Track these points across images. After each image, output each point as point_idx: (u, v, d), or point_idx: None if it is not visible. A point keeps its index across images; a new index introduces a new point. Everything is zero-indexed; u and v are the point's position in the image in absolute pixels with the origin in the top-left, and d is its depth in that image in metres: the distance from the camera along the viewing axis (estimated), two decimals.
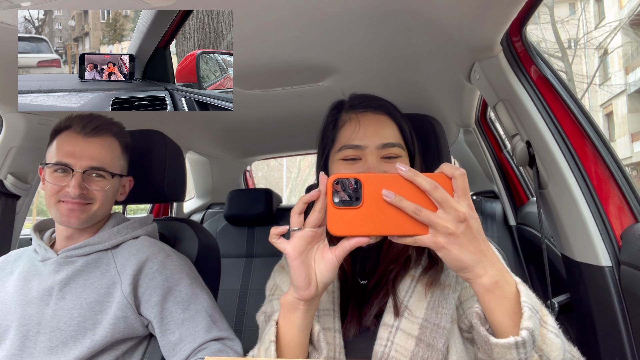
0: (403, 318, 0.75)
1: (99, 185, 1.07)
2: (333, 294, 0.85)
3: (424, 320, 0.74)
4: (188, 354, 1.00)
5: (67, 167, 1.04)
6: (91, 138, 1.07)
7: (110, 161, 1.09)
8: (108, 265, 1.07)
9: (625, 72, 15.09)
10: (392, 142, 0.84)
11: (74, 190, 1.02)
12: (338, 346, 0.78)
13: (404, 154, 0.86)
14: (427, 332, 0.73)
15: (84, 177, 1.05)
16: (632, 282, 0.87)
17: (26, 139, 1.44)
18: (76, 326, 0.99)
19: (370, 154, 0.84)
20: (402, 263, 0.81)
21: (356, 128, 0.86)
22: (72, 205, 1.04)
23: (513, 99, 1.12)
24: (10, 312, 1.03)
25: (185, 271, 1.10)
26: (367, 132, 0.85)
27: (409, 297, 0.77)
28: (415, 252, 0.83)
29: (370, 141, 0.84)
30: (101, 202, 1.08)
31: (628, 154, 15.02)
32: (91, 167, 1.05)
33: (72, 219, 1.05)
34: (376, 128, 0.86)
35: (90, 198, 1.06)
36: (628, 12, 13.82)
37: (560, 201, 1.07)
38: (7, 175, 1.44)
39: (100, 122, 1.10)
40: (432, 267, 0.79)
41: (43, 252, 1.09)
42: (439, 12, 0.96)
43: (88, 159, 1.05)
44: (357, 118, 0.87)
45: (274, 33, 1.06)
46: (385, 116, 0.88)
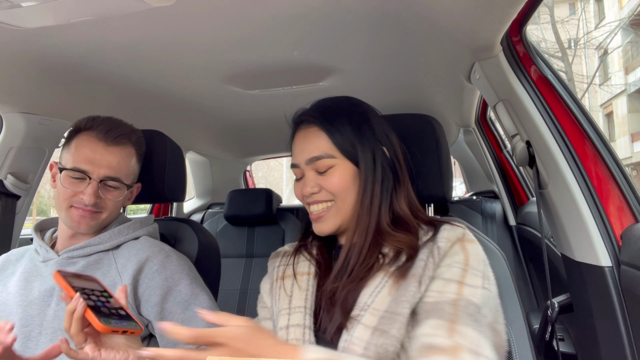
0: (367, 313, 0.75)
1: (113, 195, 1.07)
2: (307, 291, 0.86)
3: (384, 312, 0.74)
4: None
5: (84, 174, 1.03)
6: (112, 146, 1.06)
7: (126, 171, 1.09)
8: (109, 266, 1.07)
9: (625, 72, 15.09)
10: (317, 156, 0.85)
11: (89, 198, 1.02)
12: (307, 342, 0.78)
13: (337, 163, 0.85)
14: (384, 321, 0.73)
15: (100, 185, 1.04)
16: (632, 282, 0.87)
17: (26, 139, 1.44)
18: None
19: (305, 170, 0.87)
20: (370, 268, 0.81)
21: (294, 147, 0.90)
22: (83, 212, 1.04)
23: (513, 99, 1.12)
24: (12, 313, 1.03)
25: (185, 271, 1.10)
26: (298, 150, 0.88)
27: (375, 294, 0.76)
28: (392, 252, 0.81)
29: (300, 158, 0.88)
30: (111, 211, 1.08)
31: (628, 154, 15.02)
32: (108, 176, 1.05)
33: (82, 225, 1.05)
34: (304, 144, 0.88)
35: (102, 207, 1.06)
36: (628, 12, 13.82)
37: (560, 201, 1.07)
38: (7, 175, 1.44)
39: (123, 131, 1.09)
40: (406, 263, 0.78)
41: (44, 252, 1.09)
42: (439, 12, 0.96)
43: (106, 168, 1.04)
44: (295, 137, 0.91)
45: (274, 33, 1.06)
46: (314, 128, 0.87)
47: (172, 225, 1.38)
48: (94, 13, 0.85)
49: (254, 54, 1.19)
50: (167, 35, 1.05)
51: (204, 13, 0.94)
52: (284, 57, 1.23)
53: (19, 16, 0.84)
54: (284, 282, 0.90)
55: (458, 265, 0.76)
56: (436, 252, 0.78)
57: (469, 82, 1.34)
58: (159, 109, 1.68)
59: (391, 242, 0.82)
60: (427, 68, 1.38)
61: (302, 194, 0.89)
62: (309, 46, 1.15)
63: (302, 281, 0.88)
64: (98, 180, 1.03)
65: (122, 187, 1.08)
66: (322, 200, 0.86)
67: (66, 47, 1.08)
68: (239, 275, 2.34)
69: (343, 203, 0.85)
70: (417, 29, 1.07)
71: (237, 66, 1.29)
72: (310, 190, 0.86)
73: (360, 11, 0.97)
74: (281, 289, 0.89)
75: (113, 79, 1.33)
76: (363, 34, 1.09)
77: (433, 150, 1.06)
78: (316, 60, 1.26)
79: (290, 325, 0.82)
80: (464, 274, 0.75)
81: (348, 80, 1.45)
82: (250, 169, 3.55)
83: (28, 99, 1.35)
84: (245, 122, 2.04)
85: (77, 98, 1.44)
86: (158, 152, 1.30)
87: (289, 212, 2.50)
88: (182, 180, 1.38)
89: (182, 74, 1.33)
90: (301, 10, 0.95)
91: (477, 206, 2.37)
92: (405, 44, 1.16)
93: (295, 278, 0.89)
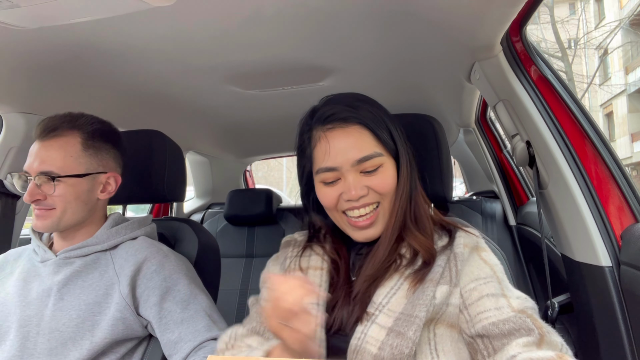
0: (381, 314, 0.75)
1: (49, 190, 1.03)
2: (320, 287, 0.85)
3: (400, 314, 0.74)
4: (188, 351, 1.00)
5: (25, 174, 1.04)
6: (45, 141, 1.04)
7: (62, 162, 1.04)
8: (106, 266, 1.07)
9: (625, 72, 15.09)
10: (366, 156, 0.80)
11: (26, 196, 1.01)
12: (317, 339, 0.77)
13: (385, 161, 0.82)
14: (400, 322, 0.73)
15: (38, 181, 1.02)
16: (632, 282, 0.87)
17: (26, 139, 1.44)
18: (75, 327, 0.99)
19: (347, 173, 0.81)
20: (387, 267, 0.81)
21: (326, 147, 0.81)
22: (37, 211, 1.04)
23: (513, 99, 1.12)
24: (10, 313, 1.02)
25: (183, 271, 1.10)
26: (338, 150, 0.80)
27: (391, 295, 0.77)
28: (410, 254, 0.82)
29: (343, 159, 0.80)
30: (64, 207, 1.04)
31: (628, 154, 15.03)
32: (40, 172, 1.02)
33: (38, 224, 1.04)
34: (347, 143, 0.81)
35: (49, 204, 1.04)
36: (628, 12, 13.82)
37: (560, 201, 1.07)
38: (7, 175, 1.44)
39: (57, 122, 1.06)
40: (423, 268, 0.78)
41: (42, 252, 1.09)
42: (439, 12, 0.96)
43: (39, 164, 1.03)
44: (325, 136, 0.82)
45: (274, 33, 1.06)
46: (355, 126, 0.82)
47: (172, 225, 1.38)
48: (94, 13, 0.85)
49: (254, 54, 1.19)
50: (167, 36, 1.05)
51: (204, 13, 0.94)
52: (284, 57, 1.23)
53: (19, 16, 0.84)
54: (295, 274, 0.88)
55: (491, 279, 0.77)
56: (453, 258, 0.78)
57: (469, 82, 1.34)
58: (159, 109, 1.68)
59: (411, 240, 0.82)
60: (427, 68, 1.38)
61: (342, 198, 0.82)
62: (309, 46, 1.15)
63: (315, 276, 0.86)
64: (32, 177, 1.02)
65: (64, 179, 1.03)
66: (370, 202, 0.82)
67: (66, 47, 1.08)
68: (239, 275, 2.34)
69: (389, 203, 0.83)
70: (417, 29, 1.07)
71: (237, 66, 1.29)
72: (359, 193, 0.80)
73: (361, 11, 0.97)
74: None
75: (113, 79, 1.33)
76: (363, 34, 1.09)
77: (433, 150, 1.06)
78: (316, 60, 1.26)
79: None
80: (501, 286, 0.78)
81: (348, 80, 1.45)
82: (250, 169, 3.54)
83: (28, 99, 1.35)
84: (245, 122, 2.04)
85: (77, 98, 1.44)
86: (158, 152, 1.30)
87: (289, 212, 2.50)
88: (182, 181, 1.38)
89: (182, 73, 1.33)
90: (301, 10, 0.95)
91: (477, 206, 2.36)
92: (406, 43, 1.16)
93: (307, 273, 0.87)
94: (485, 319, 0.74)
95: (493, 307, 0.75)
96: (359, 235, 0.84)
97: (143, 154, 1.29)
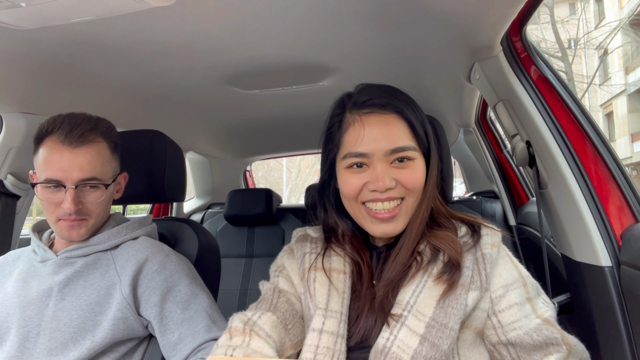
0: (410, 315, 0.72)
1: (93, 197, 1.03)
2: (344, 294, 0.80)
3: (431, 319, 0.71)
4: (188, 353, 1.00)
5: (58, 183, 0.99)
6: (78, 148, 1.00)
7: (102, 168, 1.04)
8: (108, 266, 1.07)
9: (625, 72, 15.08)
10: (401, 147, 0.76)
11: (69, 206, 0.98)
12: (338, 352, 0.74)
13: (417, 156, 0.79)
14: (433, 332, 0.70)
15: (77, 190, 1.01)
16: (632, 282, 0.87)
17: (26, 139, 1.44)
18: (76, 327, 0.99)
19: (377, 161, 0.77)
20: (408, 268, 0.79)
21: (360, 132, 0.77)
22: (71, 223, 1.02)
23: (513, 99, 1.12)
24: (10, 313, 1.02)
25: (184, 271, 1.10)
26: (372, 137, 0.76)
27: (417, 294, 0.74)
28: (430, 250, 0.79)
29: (376, 147, 0.76)
30: (98, 213, 1.06)
31: (628, 154, 15.02)
32: (82, 179, 1.00)
33: (73, 235, 1.04)
34: (382, 131, 0.77)
35: (86, 213, 1.03)
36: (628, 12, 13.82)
37: (560, 201, 1.07)
38: (7, 175, 1.44)
39: (85, 128, 1.03)
40: (452, 270, 0.75)
41: (42, 252, 1.09)
42: (439, 12, 0.96)
43: (78, 172, 0.99)
44: (360, 120, 0.78)
45: (274, 33, 1.06)
46: (393, 115, 0.78)
47: (172, 225, 1.38)
48: (94, 13, 0.85)
49: (254, 53, 1.19)
50: (167, 35, 1.05)
51: (204, 13, 0.94)
52: (284, 57, 1.23)
53: (19, 16, 0.84)
54: (316, 274, 0.83)
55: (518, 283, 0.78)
56: (482, 259, 0.76)
57: (469, 82, 1.34)
58: (159, 109, 1.68)
59: (430, 238, 0.79)
60: (427, 68, 1.38)
61: (367, 187, 0.78)
62: (309, 46, 1.15)
63: (338, 281, 0.82)
64: (74, 186, 0.99)
65: (101, 187, 1.04)
66: (395, 197, 0.77)
67: (66, 47, 1.08)
68: (239, 275, 2.34)
69: (414, 201, 0.79)
70: (417, 29, 1.07)
71: (237, 66, 1.29)
72: (387, 185, 0.76)
73: (361, 11, 0.97)
74: (316, 282, 0.82)
75: (113, 79, 1.33)
76: (363, 34, 1.09)
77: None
78: (316, 60, 1.26)
79: (324, 331, 0.76)
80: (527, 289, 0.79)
81: (348, 80, 1.45)
82: (250, 169, 3.54)
83: (28, 99, 1.35)
84: (245, 122, 2.04)
85: (77, 98, 1.44)
86: (158, 152, 1.30)
87: (289, 212, 2.50)
88: (182, 180, 1.38)
89: (182, 74, 1.33)
90: (301, 10, 0.95)
91: (477, 206, 2.36)
92: (406, 44, 1.16)
93: (331, 275, 0.83)
94: (519, 328, 0.74)
95: (522, 315, 0.74)
96: (377, 229, 0.79)
97: (143, 154, 1.29)
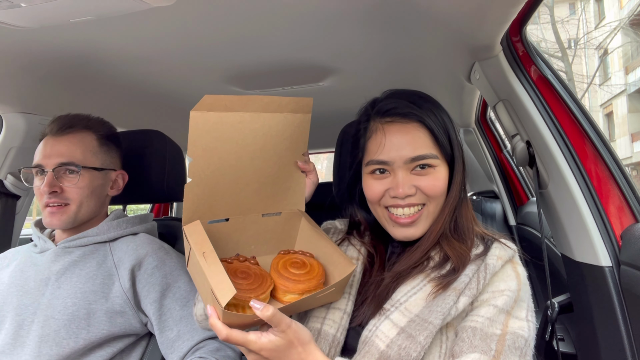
0: (397, 311, 0.75)
1: (70, 182, 1.06)
2: (354, 277, 0.84)
3: (415, 316, 0.73)
4: (186, 351, 1.00)
5: (38, 167, 1.06)
6: (60, 136, 1.07)
7: (82, 155, 1.08)
8: (105, 256, 1.08)
9: (625, 72, 15.08)
10: (421, 155, 0.79)
11: (44, 187, 1.03)
12: (342, 327, 0.78)
13: (439, 164, 0.80)
14: (413, 325, 0.72)
15: (56, 174, 1.05)
16: (632, 282, 0.87)
17: (26, 139, 1.44)
18: (69, 315, 0.99)
19: (398, 169, 0.80)
20: (414, 267, 0.80)
21: (381, 141, 0.80)
22: (52, 208, 1.05)
23: (513, 99, 1.12)
24: (6, 302, 1.04)
25: (184, 269, 1.10)
26: (392, 146, 0.79)
27: (411, 295, 0.76)
28: (439, 257, 0.80)
29: (396, 155, 0.79)
30: (79, 201, 1.07)
31: (628, 154, 15.02)
32: (60, 163, 1.05)
33: (54, 221, 1.06)
34: (403, 140, 0.79)
35: (66, 198, 1.06)
36: (628, 12, 13.82)
37: (560, 201, 1.07)
38: (7, 175, 1.44)
39: (73, 120, 1.10)
40: (451, 274, 0.77)
41: (42, 243, 1.11)
42: (439, 12, 0.96)
43: (57, 157, 1.05)
44: (382, 129, 0.81)
45: (274, 33, 1.06)
46: (414, 124, 0.80)
47: (172, 225, 1.38)
48: (94, 13, 0.85)
49: (254, 54, 1.19)
50: (167, 35, 1.05)
51: (204, 13, 0.94)
52: (284, 57, 1.23)
53: (19, 16, 0.84)
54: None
55: (511, 293, 0.75)
56: (483, 269, 0.76)
57: (469, 82, 1.34)
58: (159, 109, 1.68)
59: (446, 246, 0.80)
60: (427, 68, 1.38)
61: (389, 194, 0.81)
62: (309, 46, 1.15)
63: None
64: (51, 169, 1.04)
65: (81, 171, 1.07)
66: (416, 203, 0.80)
67: (66, 47, 1.08)
68: None
69: (435, 207, 0.81)
70: (417, 29, 1.07)
71: (237, 66, 1.29)
72: (407, 192, 0.79)
73: (361, 11, 0.97)
74: None
75: (113, 79, 1.33)
76: (363, 34, 1.09)
77: None
78: (316, 60, 1.26)
79: (331, 307, 0.81)
80: (514, 304, 0.75)
81: (348, 80, 1.45)
82: None
83: (28, 99, 1.35)
84: None
85: (77, 98, 1.44)
86: (158, 152, 1.30)
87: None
88: (182, 180, 1.38)
89: (182, 73, 1.33)
90: (301, 10, 0.95)
91: (477, 206, 2.37)
92: (406, 44, 1.16)
93: None
94: (473, 322, 0.73)
95: (487, 316, 0.73)
96: (398, 233, 0.82)
97: (143, 154, 1.29)
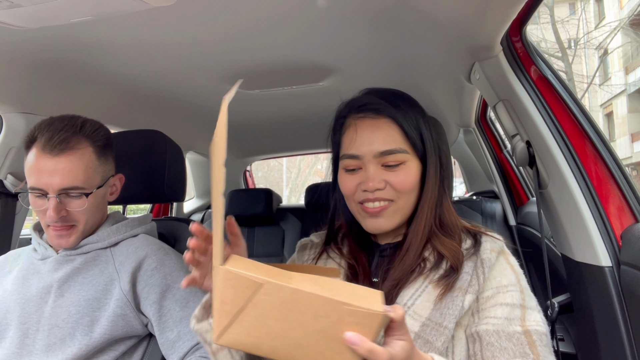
0: (407, 315, 0.74)
1: (77, 205, 1.01)
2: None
3: (426, 319, 0.73)
4: (186, 351, 1.00)
5: (41, 191, 0.98)
6: (58, 156, 0.97)
7: (84, 175, 1.00)
8: (106, 262, 1.07)
9: (625, 72, 15.09)
10: (390, 150, 0.80)
11: (51, 215, 0.97)
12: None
13: (409, 159, 0.82)
14: (428, 330, 0.72)
15: (61, 199, 0.99)
16: (632, 282, 0.87)
17: None
18: (74, 323, 0.99)
19: (369, 163, 0.81)
20: (412, 270, 0.80)
21: (354, 135, 0.83)
22: (59, 231, 1.02)
23: (513, 99, 1.12)
24: (9, 310, 1.03)
25: (184, 269, 1.10)
26: (363, 140, 0.81)
27: (416, 297, 0.76)
28: (434, 257, 0.81)
29: (367, 149, 0.81)
30: (85, 220, 1.04)
31: (628, 154, 15.02)
32: (63, 188, 0.98)
33: (62, 243, 1.04)
34: (373, 134, 0.81)
35: (73, 220, 1.02)
36: (628, 12, 13.82)
37: (560, 201, 1.07)
38: (7, 175, 1.44)
39: (68, 133, 0.99)
40: (451, 274, 0.77)
41: (43, 250, 1.10)
42: (439, 12, 0.96)
43: (60, 181, 0.97)
44: (355, 125, 0.83)
45: (274, 33, 1.06)
46: (385, 119, 0.82)
47: (172, 225, 1.38)
48: (94, 13, 0.85)
49: (254, 54, 1.19)
50: (167, 35, 1.05)
51: (204, 13, 0.94)
52: (284, 57, 1.23)
53: (19, 16, 0.84)
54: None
55: (515, 287, 0.76)
56: (480, 264, 0.77)
57: (469, 82, 1.34)
58: (159, 109, 1.68)
59: (437, 245, 0.81)
60: (427, 68, 1.38)
61: (360, 188, 0.82)
62: (309, 46, 1.15)
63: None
64: (55, 195, 0.97)
65: (85, 194, 1.01)
66: (385, 198, 0.81)
67: (66, 47, 1.08)
68: None
69: (405, 202, 0.82)
70: (417, 29, 1.07)
71: (237, 66, 1.29)
72: (376, 186, 0.80)
73: (361, 11, 0.97)
74: None
75: (113, 79, 1.33)
76: (363, 33, 1.09)
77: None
78: (316, 60, 1.26)
79: None
80: (523, 296, 0.76)
81: (348, 80, 1.45)
82: (250, 169, 3.54)
83: (28, 99, 1.35)
84: (245, 122, 2.04)
85: (77, 98, 1.44)
86: (158, 152, 1.30)
87: (289, 212, 2.50)
88: (182, 180, 1.38)
89: (182, 74, 1.33)
90: (301, 10, 0.95)
91: (477, 206, 2.37)
92: (406, 44, 1.16)
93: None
94: (491, 324, 0.73)
95: (504, 316, 0.73)
96: (369, 224, 0.83)
97: (143, 154, 1.29)
